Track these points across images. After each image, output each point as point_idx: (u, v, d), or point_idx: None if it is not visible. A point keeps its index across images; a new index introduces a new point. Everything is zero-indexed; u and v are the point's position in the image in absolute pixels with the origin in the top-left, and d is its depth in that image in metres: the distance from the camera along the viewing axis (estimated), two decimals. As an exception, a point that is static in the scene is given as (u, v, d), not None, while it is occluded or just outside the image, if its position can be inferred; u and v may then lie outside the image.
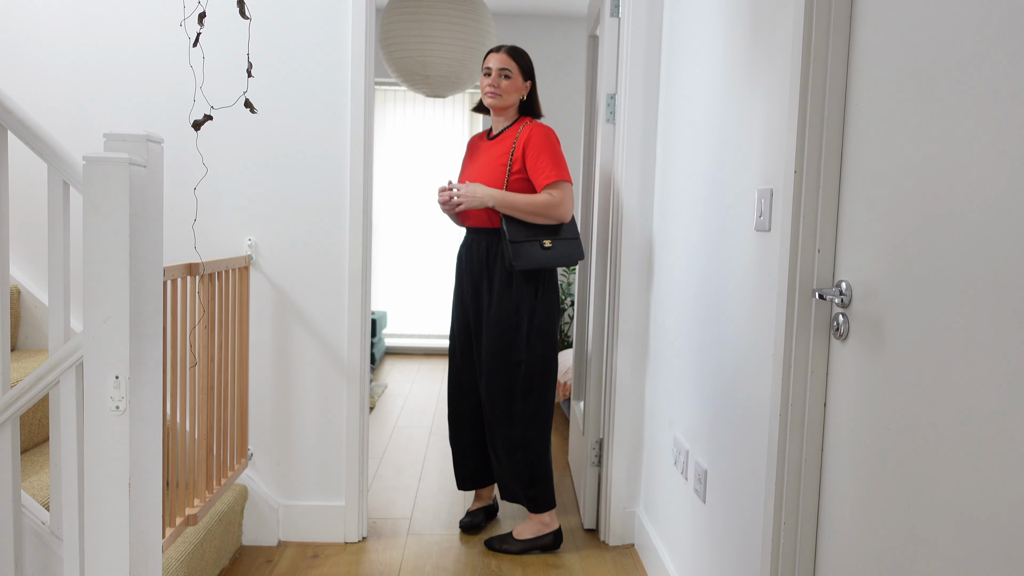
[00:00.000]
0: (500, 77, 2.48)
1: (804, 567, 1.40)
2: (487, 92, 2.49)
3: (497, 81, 2.47)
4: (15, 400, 1.57)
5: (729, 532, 1.73)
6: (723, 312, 1.82)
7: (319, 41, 2.44)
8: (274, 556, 2.45)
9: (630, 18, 2.48)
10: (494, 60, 2.49)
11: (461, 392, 2.63)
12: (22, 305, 2.49)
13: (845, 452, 1.28)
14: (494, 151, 2.51)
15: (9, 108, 1.55)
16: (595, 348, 2.75)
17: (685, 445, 2.10)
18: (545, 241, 2.40)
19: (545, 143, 2.40)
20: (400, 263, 6.23)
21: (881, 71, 1.20)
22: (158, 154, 1.48)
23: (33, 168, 2.44)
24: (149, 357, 1.48)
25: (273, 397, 2.53)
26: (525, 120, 2.52)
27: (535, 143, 2.40)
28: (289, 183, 2.47)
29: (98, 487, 1.40)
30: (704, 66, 2.02)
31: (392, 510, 2.88)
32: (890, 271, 1.16)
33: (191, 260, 2.45)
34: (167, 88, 2.44)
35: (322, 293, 2.51)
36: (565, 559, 2.50)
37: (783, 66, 1.48)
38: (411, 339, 6.27)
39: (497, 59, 2.49)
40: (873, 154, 1.22)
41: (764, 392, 1.54)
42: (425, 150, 6.17)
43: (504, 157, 2.46)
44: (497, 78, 2.48)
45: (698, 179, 2.04)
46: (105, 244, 1.37)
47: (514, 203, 2.39)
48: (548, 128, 2.45)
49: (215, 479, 2.13)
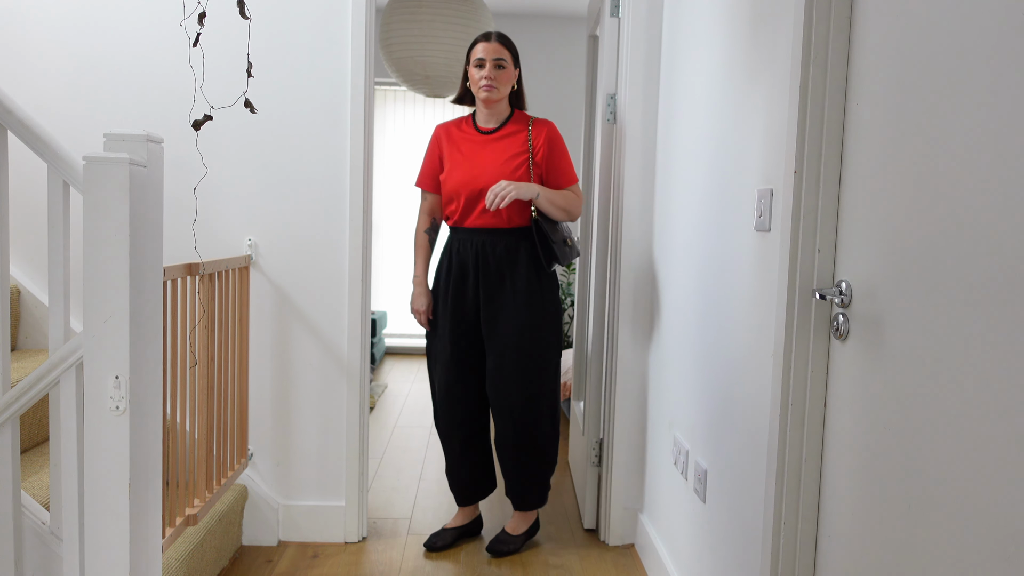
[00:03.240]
0: (495, 68, 2.32)
1: (804, 567, 1.40)
2: (483, 86, 2.32)
3: (493, 73, 2.32)
4: (15, 400, 1.57)
5: (729, 532, 1.73)
6: (723, 312, 1.82)
7: (319, 41, 2.44)
8: (274, 556, 2.45)
9: (630, 18, 2.48)
10: (486, 50, 2.32)
11: (453, 402, 2.46)
12: (22, 305, 2.49)
13: (845, 452, 1.28)
14: (503, 148, 2.38)
15: (9, 108, 1.55)
16: (595, 348, 2.75)
17: (685, 445, 2.10)
18: (568, 239, 2.42)
19: (564, 145, 2.44)
20: (400, 263, 6.23)
21: (881, 71, 1.20)
22: (158, 154, 1.48)
23: (33, 168, 2.45)
24: (149, 357, 1.48)
25: (273, 397, 2.53)
26: (523, 115, 2.44)
27: (559, 145, 2.42)
28: (289, 183, 2.47)
29: (98, 487, 1.40)
30: (704, 66, 2.01)
31: (392, 510, 2.88)
32: (890, 271, 1.16)
33: (191, 260, 2.45)
34: (167, 88, 2.44)
35: (322, 293, 2.51)
36: (565, 559, 2.50)
37: (783, 66, 1.48)
38: (411, 339, 6.27)
39: (490, 49, 2.32)
40: (873, 154, 1.22)
41: (764, 392, 1.54)
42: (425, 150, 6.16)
43: (522, 156, 2.36)
44: (493, 69, 2.32)
45: (698, 179, 2.04)
46: (105, 244, 1.37)
47: (554, 199, 2.36)
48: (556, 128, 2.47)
49: (215, 479, 2.13)
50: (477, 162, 2.39)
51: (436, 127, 2.50)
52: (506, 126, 2.42)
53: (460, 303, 2.43)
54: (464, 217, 2.41)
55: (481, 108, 2.43)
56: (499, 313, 2.39)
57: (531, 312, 2.37)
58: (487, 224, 2.38)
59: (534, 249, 2.39)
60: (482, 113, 2.44)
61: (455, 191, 2.40)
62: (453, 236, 2.46)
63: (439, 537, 2.54)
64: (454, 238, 2.45)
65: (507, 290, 2.38)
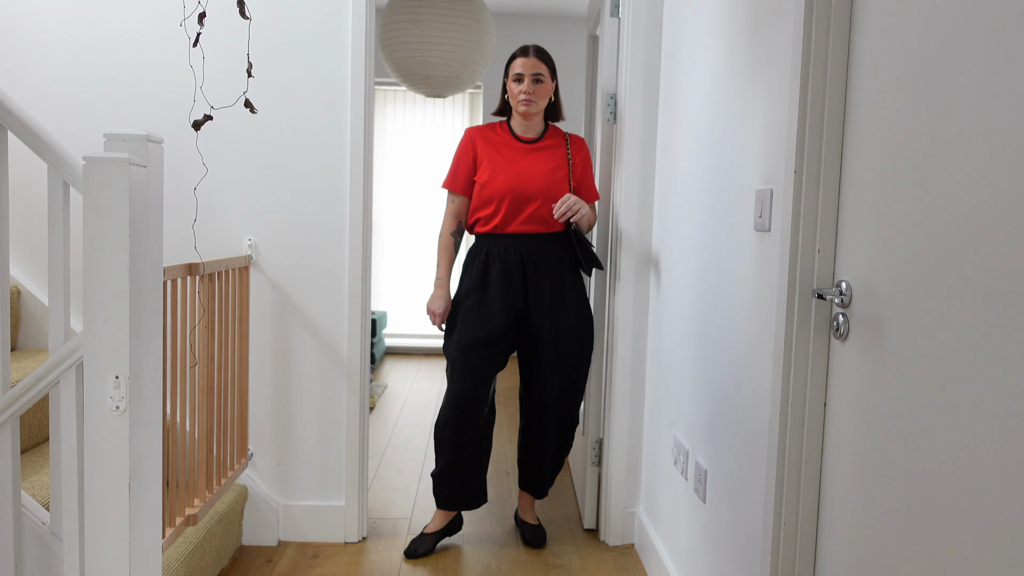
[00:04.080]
0: (533, 82, 2.36)
1: (804, 567, 1.40)
2: (522, 100, 2.36)
3: (532, 87, 2.36)
4: (15, 400, 1.57)
5: (729, 532, 1.73)
6: (723, 312, 1.82)
7: (319, 41, 2.44)
8: (274, 556, 2.45)
9: (630, 18, 2.48)
10: (524, 65, 2.36)
11: (474, 405, 2.39)
12: (22, 305, 2.49)
13: (845, 452, 1.28)
14: (546, 159, 2.43)
15: (9, 108, 1.55)
16: (595, 348, 2.75)
17: (685, 445, 2.10)
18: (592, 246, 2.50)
19: (591, 161, 2.54)
20: (400, 263, 6.23)
21: (881, 71, 1.20)
22: (158, 154, 1.48)
23: (33, 168, 2.45)
24: (149, 357, 1.48)
25: (273, 397, 2.53)
26: (558, 129, 2.53)
27: (590, 163, 2.54)
28: (289, 183, 2.47)
29: (98, 487, 1.40)
30: (704, 66, 2.02)
31: (392, 510, 2.88)
32: (890, 271, 1.16)
33: (191, 260, 2.45)
34: (167, 88, 2.44)
35: (322, 293, 2.51)
36: (565, 559, 2.50)
37: (783, 66, 1.48)
38: (411, 339, 6.27)
39: (528, 64, 2.36)
40: (873, 154, 1.22)
41: (764, 392, 1.54)
42: (425, 150, 6.17)
43: (563, 170, 2.44)
44: (531, 84, 2.36)
45: (698, 179, 2.04)
46: (105, 244, 1.37)
47: (590, 218, 2.53)
48: None
49: (215, 479, 2.13)
50: (521, 169, 2.40)
51: (467, 130, 2.50)
52: (545, 138, 2.48)
53: (505, 308, 2.39)
54: (507, 222, 2.40)
55: (518, 119, 2.47)
56: (552, 314, 2.42)
57: (579, 312, 2.47)
58: (531, 230, 2.40)
59: (572, 253, 2.46)
60: (520, 124, 2.47)
61: (498, 195, 2.38)
62: (489, 242, 2.42)
63: (420, 543, 2.50)
64: (492, 244, 2.42)
65: (557, 292, 2.43)
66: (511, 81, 2.41)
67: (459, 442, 2.42)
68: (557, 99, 2.51)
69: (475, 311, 2.40)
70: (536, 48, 2.39)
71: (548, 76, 2.40)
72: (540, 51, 2.39)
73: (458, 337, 2.41)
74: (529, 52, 2.38)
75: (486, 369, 2.40)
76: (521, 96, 2.37)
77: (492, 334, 2.38)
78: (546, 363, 2.45)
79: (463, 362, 2.38)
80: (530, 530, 2.62)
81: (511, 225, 2.40)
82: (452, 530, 2.59)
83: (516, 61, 2.39)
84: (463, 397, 2.38)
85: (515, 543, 2.62)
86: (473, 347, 2.38)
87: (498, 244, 2.41)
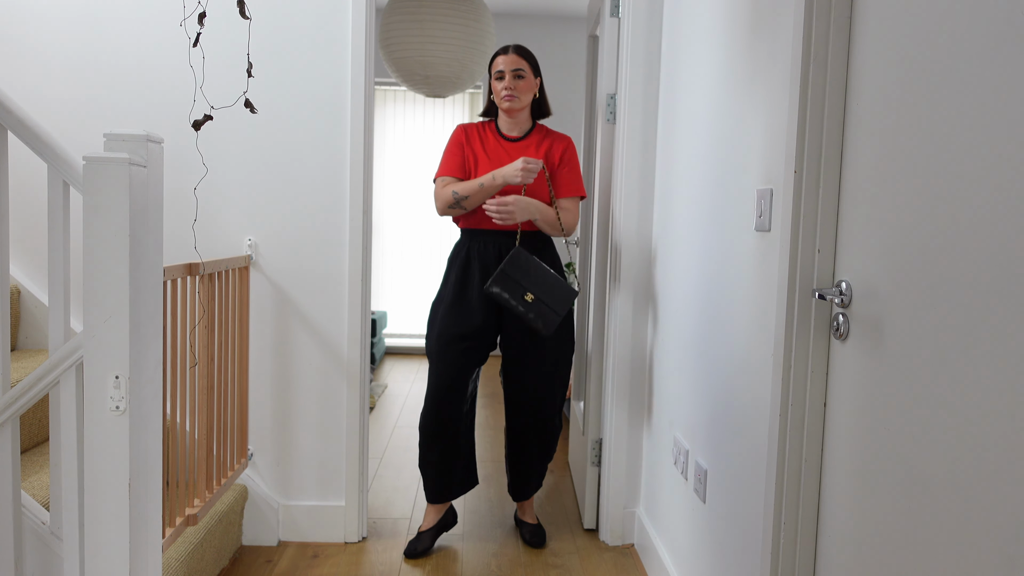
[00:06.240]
0: (514, 78, 2.39)
1: (804, 567, 1.40)
2: (504, 96, 2.39)
3: (513, 83, 2.39)
4: (15, 400, 1.57)
5: (729, 532, 1.73)
6: (723, 312, 1.82)
7: (319, 41, 2.44)
8: (274, 556, 2.45)
9: (630, 18, 2.48)
10: (505, 62, 2.40)
11: (454, 397, 2.44)
12: (22, 305, 2.49)
13: (845, 452, 1.28)
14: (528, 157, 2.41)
15: (9, 108, 1.55)
16: (595, 348, 2.75)
17: (685, 445, 2.10)
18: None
19: (576, 160, 2.49)
20: (400, 263, 6.23)
21: (881, 71, 1.20)
22: (158, 154, 1.48)
23: (33, 168, 2.45)
24: (149, 357, 1.48)
25: (273, 397, 2.53)
26: (544, 128, 2.52)
27: (571, 156, 2.48)
28: (289, 183, 2.47)
29: (98, 487, 1.40)
30: (704, 66, 2.02)
31: (392, 510, 2.88)
32: (890, 271, 1.16)
33: (191, 260, 2.45)
34: (167, 88, 2.44)
35: (322, 293, 2.51)
36: (565, 559, 2.50)
37: (783, 66, 1.48)
38: (411, 339, 6.27)
39: (508, 60, 2.40)
40: (873, 154, 1.22)
41: (764, 392, 1.54)
42: (425, 150, 6.17)
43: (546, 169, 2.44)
44: (512, 80, 2.39)
45: (698, 179, 2.04)
46: (105, 244, 1.37)
47: (548, 216, 2.40)
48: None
49: (215, 479, 2.13)
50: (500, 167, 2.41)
51: (457, 126, 2.52)
52: (529, 136, 2.49)
53: (484, 304, 2.43)
54: (482, 219, 2.43)
55: (504, 117, 2.49)
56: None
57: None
58: (510, 227, 2.42)
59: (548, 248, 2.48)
60: (505, 122, 2.49)
61: None
62: (470, 239, 2.46)
63: (418, 542, 2.51)
64: (472, 241, 2.45)
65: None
66: (494, 80, 2.45)
67: (439, 433, 2.46)
68: (542, 96, 2.52)
69: (455, 307, 2.44)
70: (516, 46, 2.44)
71: (529, 72, 2.43)
72: (520, 48, 2.44)
73: (437, 331, 2.46)
74: (509, 50, 2.43)
75: (465, 361, 2.43)
76: (503, 92, 2.40)
77: (471, 329, 2.42)
78: (522, 360, 2.47)
79: (441, 355, 2.44)
80: (530, 530, 2.62)
81: (486, 222, 2.43)
82: (447, 525, 2.60)
83: (497, 59, 2.44)
84: (442, 389, 2.43)
85: (515, 543, 2.62)
86: (451, 341, 2.42)
87: (478, 241, 2.45)
